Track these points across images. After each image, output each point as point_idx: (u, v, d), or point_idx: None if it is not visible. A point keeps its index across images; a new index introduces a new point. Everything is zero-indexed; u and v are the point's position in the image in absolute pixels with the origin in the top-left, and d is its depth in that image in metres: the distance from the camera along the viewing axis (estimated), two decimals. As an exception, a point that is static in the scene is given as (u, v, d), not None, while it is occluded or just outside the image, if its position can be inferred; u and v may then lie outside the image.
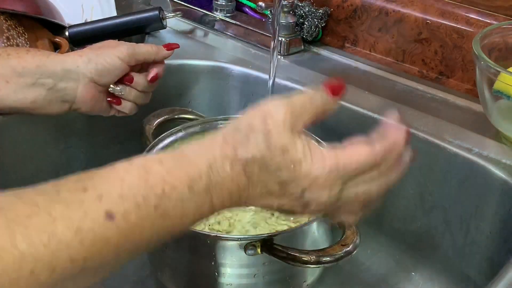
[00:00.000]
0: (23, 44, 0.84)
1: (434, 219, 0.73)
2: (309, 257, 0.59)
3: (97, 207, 0.39)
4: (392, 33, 0.86)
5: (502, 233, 0.67)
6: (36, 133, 0.77)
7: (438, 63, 0.83)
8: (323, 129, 0.78)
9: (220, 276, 0.64)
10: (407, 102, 0.78)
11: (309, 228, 0.66)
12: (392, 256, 0.78)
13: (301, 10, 0.89)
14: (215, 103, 0.88)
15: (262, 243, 0.61)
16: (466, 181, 0.69)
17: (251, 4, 0.97)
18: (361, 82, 0.83)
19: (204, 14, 0.98)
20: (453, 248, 0.72)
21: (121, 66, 0.68)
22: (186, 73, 0.87)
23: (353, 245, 0.60)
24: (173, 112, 0.79)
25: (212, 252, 0.63)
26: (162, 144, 0.74)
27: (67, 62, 0.66)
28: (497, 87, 0.67)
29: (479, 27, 0.78)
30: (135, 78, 0.70)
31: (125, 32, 0.93)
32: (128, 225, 0.39)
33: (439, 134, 0.72)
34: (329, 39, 0.92)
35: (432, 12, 0.82)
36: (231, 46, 0.93)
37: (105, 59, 0.67)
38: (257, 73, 0.85)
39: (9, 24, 0.84)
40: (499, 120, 0.70)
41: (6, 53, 0.65)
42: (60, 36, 0.89)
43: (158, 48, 0.71)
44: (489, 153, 0.69)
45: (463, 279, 0.72)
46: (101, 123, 0.83)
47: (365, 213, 0.51)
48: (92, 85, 0.67)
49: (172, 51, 0.72)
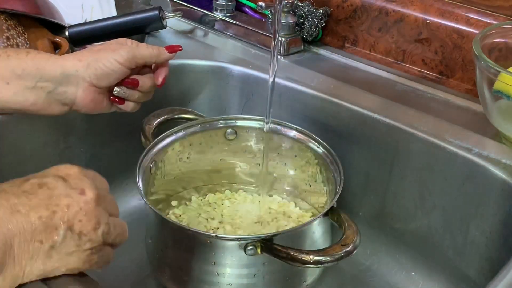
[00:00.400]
0: (23, 43, 0.84)
1: (434, 219, 0.73)
2: (309, 257, 0.59)
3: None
4: (392, 33, 0.86)
5: (502, 233, 0.67)
6: (36, 132, 0.77)
7: (438, 63, 0.83)
8: (323, 129, 0.79)
9: (220, 276, 0.64)
10: (407, 102, 0.78)
11: (309, 228, 0.66)
12: (392, 256, 0.78)
13: (301, 10, 0.88)
14: (215, 103, 0.88)
15: (262, 243, 0.61)
16: (466, 181, 0.69)
17: (251, 4, 0.97)
18: (361, 82, 0.83)
19: (204, 14, 0.98)
20: (453, 248, 0.72)
21: (120, 70, 0.67)
22: (186, 73, 0.87)
23: (353, 245, 0.60)
24: (173, 112, 0.79)
25: (212, 252, 0.63)
26: (162, 144, 0.75)
27: (66, 67, 0.66)
28: (497, 87, 0.67)
29: (479, 27, 0.78)
30: (141, 81, 0.69)
31: (125, 32, 0.92)
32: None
33: (439, 134, 0.72)
34: (329, 39, 0.92)
35: (432, 12, 0.82)
36: (231, 46, 0.93)
37: (104, 63, 0.67)
38: (257, 73, 0.85)
39: (9, 24, 0.84)
40: (499, 120, 0.70)
41: (6, 54, 0.65)
42: (60, 36, 0.89)
43: (159, 50, 0.71)
44: (489, 153, 0.69)
45: (463, 279, 0.72)
46: (101, 123, 0.83)
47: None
48: (92, 89, 0.67)
49: (174, 54, 0.72)
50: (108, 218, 0.50)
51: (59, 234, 0.46)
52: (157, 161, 0.74)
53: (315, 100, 0.80)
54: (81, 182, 0.49)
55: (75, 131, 0.81)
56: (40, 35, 0.87)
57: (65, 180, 0.49)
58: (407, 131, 0.73)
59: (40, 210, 0.46)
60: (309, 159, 0.76)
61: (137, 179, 0.68)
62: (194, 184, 0.81)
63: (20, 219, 0.45)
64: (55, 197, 0.47)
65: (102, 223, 0.49)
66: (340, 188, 0.67)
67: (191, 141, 0.78)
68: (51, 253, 0.47)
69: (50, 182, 0.48)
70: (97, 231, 0.48)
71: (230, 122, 0.79)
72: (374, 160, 0.77)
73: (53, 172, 0.50)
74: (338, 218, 0.64)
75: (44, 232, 0.46)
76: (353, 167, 0.78)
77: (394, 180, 0.75)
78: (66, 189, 0.48)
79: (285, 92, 0.82)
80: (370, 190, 0.78)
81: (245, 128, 0.79)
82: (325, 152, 0.74)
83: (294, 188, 0.80)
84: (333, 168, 0.71)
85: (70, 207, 0.47)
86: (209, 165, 0.81)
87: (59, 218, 0.46)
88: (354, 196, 0.79)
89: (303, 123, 0.78)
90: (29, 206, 0.46)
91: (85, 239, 0.48)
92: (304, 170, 0.78)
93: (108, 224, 0.50)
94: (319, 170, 0.75)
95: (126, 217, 0.55)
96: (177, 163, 0.78)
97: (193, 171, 0.80)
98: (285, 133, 0.77)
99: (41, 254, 0.46)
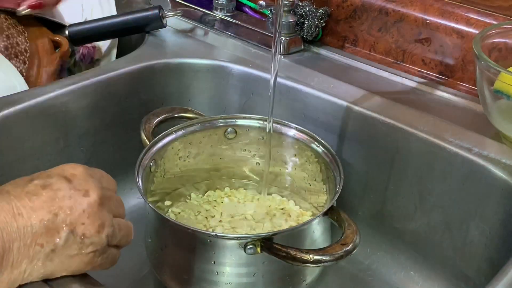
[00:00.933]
0: (23, 42, 0.84)
1: (434, 219, 0.73)
2: (309, 256, 0.59)
3: None
4: (392, 33, 0.86)
5: (502, 233, 0.67)
6: (35, 131, 0.77)
7: (438, 63, 0.83)
8: (324, 129, 0.79)
9: (219, 275, 0.64)
10: (407, 102, 0.78)
11: (309, 227, 0.66)
12: (391, 255, 0.78)
13: (301, 9, 0.88)
14: (215, 102, 0.88)
15: (261, 242, 0.61)
16: (466, 181, 0.69)
17: (251, 4, 0.97)
18: (361, 82, 0.83)
19: (204, 13, 0.98)
20: (453, 248, 0.72)
21: None
22: (186, 72, 0.87)
23: (353, 245, 0.60)
24: (173, 111, 0.79)
25: (212, 251, 0.63)
26: (161, 143, 0.75)
27: None
28: (497, 87, 0.67)
29: (479, 27, 0.78)
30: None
31: (125, 31, 0.93)
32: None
33: (439, 134, 0.72)
34: (329, 39, 0.92)
35: (432, 12, 0.82)
36: (231, 45, 0.93)
37: None
38: (257, 72, 0.85)
39: (9, 22, 0.84)
40: (499, 120, 0.70)
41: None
42: (60, 35, 0.89)
43: None
44: (489, 153, 0.69)
45: (463, 279, 0.72)
46: (100, 122, 0.83)
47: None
48: None
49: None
50: (112, 220, 0.50)
51: (60, 237, 0.46)
52: (156, 160, 0.74)
53: (315, 99, 0.80)
54: (85, 183, 0.49)
55: (75, 129, 0.81)
56: (40, 34, 0.87)
57: (69, 181, 0.48)
58: (407, 131, 0.73)
59: (42, 212, 0.46)
60: (309, 158, 0.76)
61: (136, 178, 0.68)
62: (193, 182, 0.81)
63: (21, 223, 0.45)
64: (58, 199, 0.47)
65: (106, 226, 0.48)
66: (340, 187, 0.67)
67: (191, 140, 0.78)
68: (52, 256, 0.46)
69: (54, 183, 0.48)
70: (101, 234, 0.48)
71: (230, 121, 0.79)
72: (374, 159, 0.77)
73: (58, 172, 0.49)
74: (338, 218, 0.64)
75: (46, 235, 0.46)
76: (353, 167, 0.78)
77: (394, 179, 0.75)
78: (69, 191, 0.47)
79: (285, 91, 0.82)
80: (369, 189, 0.78)
81: (245, 127, 0.79)
82: (325, 151, 0.74)
83: (293, 187, 0.80)
84: (333, 167, 0.71)
85: (73, 210, 0.47)
86: (209, 164, 0.81)
87: (61, 221, 0.46)
88: (353, 196, 0.79)
89: (303, 122, 0.78)
90: (31, 209, 0.45)
91: (88, 242, 0.47)
92: (304, 169, 0.78)
93: (112, 226, 0.49)
94: (319, 169, 0.75)
95: (126, 215, 0.55)
96: (177, 161, 0.78)
97: (193, 169, 0.80)
98: (285, 132, 0.77)
99: (41, 257, 0.46)
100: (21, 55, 0.84)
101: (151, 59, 0.87)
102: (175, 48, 0.91)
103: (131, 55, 0.88)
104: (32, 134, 0.76)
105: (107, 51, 0.96)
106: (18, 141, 0.75)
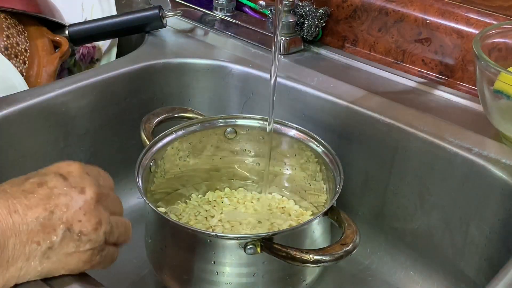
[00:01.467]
0: (23, 42, 0.84)
1: (434, 218, 0.73)
2: (309, 256, 0.59)
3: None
4: (392, 33, 0.86)
5: (502, 233, 0.67)
6: (35, 131, 0.77)
7: (438, 63, 0.83)
8: (323, 128, 0.79)
9: (219, 275, 0.64)
10: (407, 102, 0.78)
11: (309, 227, 0.66)
12: (391, 255, 0.78)
13: (301, 9, 0.88)
14: (215, 102, 0.88)
15: (261, 242, 0.61)
16: (466, 181, 0.69)
17: (251, 4, 0.97)
18: (361, 82, 0.82)
19: (204, 13, 0.98)
20: (453, 248, 0.72)
21: None
22: (186, 71, 0.87)
23: (353, 245, 0.60)
24: (173, 111, 0.79)
25: (212, 251, 0.63)
26: (161, 143, 0.74)
27: None
28: (497, 87, 0.67)
29: (479, 27, 0.78)
30: None
31: (125, 31, 0.93)
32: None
33: (439, 134, 0.72)
34: (329, 39, 0.92)
35: (432, 12, 0.82)
36: (231, 45, 0.93)
37: None
38: (257, 72, 0.85)
39: (9, 22, 0.84)
40: (499, 120, 0.70)
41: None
42: (60, 35, 0.89)
43: None
44: (489, 153, 0.69)
45: (463, 279, 0.72)
46: (100, 122, 0.83)
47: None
48: None
49: None
50: (110, 217, 0.49)
51: (57, 235, 0.46)
52: (156, 160, 0.74)
53: (315, 99, 0.80)
54: (81, 180, 0.48)
55: (75, 129, 0.81)
56: (40, 34, 0.87)
57: (65, 178, 0.48)
58: (407, 131, 0.73)
59: (38, 210, 0.45)
60: (309, 158, 0.76)
61: (136, 178, 0.68)
62: (193, 182, 0.81)
63: (17, 220, 0.45)
64: (54, 196, 0.46)
65: (103, 223, 0.48)
66: (340, 187, 0.67)
67: (191, 140, 0.78)
68: (49, 254, 0.46)
69: (50, 181, 0.47)
70: (98, 231, 0.48)
71: (230, 121, 0.79)
72: (373, 159, 0.77)
73: (54, 170, 0.49)
74: (338, 217, 0.64)
75: (42, 233, 0.45)
76: (353, 167, 0.78)
77: (394, 179, 0.75)
78: (65, 188, 0.47)
79: (285, 91, 0.82)
80: (369, 189, 0.78)
81: (245, 127, 0.79)
82: (324, 151, 0.74)
83: (293, 187, 0.80)
84: (333, 167, 0.71)
85: (69, 207, 0.47)
86: (209, 164, 0.81)
87: (57, 218, 0.46)
88: (353, 196, 0.79)
89: (303, 122, 0.78)
90: (27, 206, 0.45)
91: (85, 239, 0.47)
92: (304, 169, 0.78)
93: (109, 224, 0.49)
94: (318, 169, 0.75)
95: (126, 215, 0.55)
96: (177, 161, 0.78)
97: (193, 169, 0.80)
98: (285, 132, 0.77)
99: (38, 255, 0.46)
100: (21, 55, 0.84)
101: (151, 59, 0.87)
102: (175, 48, 0.91)
103: (131, 55, 0.88)
104: (32, 134, 0.76)
105: (107, 51, 0.96)
106: (18, 141, 0.75)
